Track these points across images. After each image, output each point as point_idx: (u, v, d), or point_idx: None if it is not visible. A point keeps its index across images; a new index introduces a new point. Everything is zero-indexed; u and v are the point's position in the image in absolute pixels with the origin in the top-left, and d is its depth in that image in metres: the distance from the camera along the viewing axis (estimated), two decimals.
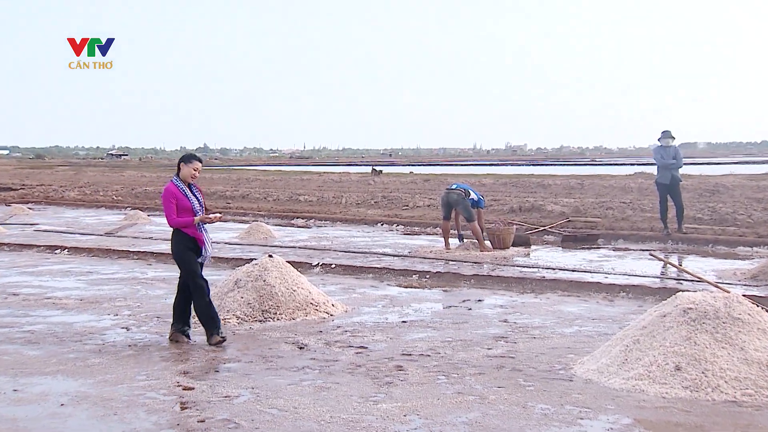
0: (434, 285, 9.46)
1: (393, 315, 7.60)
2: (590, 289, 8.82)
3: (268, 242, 13.93)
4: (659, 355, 5.06)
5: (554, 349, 6.13)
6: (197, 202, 6.23)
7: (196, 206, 6.21)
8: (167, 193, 6.18)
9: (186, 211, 6.17)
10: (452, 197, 12.24)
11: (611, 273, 9.90)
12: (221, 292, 7.54)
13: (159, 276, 10.17)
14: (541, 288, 9.04)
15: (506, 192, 23.06)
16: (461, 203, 12.18)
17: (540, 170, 44.35)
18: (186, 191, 6.22)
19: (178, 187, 6.20)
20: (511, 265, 10.84)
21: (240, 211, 21.08)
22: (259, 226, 14.96)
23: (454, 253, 11.99)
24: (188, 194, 6.21)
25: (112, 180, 37.06)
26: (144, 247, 13.09)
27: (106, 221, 18.87)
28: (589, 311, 7.73)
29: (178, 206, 6.16)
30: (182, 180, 6.24)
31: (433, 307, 8.02)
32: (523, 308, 7.90)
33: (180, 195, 6.17)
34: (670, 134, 13.41)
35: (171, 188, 6.19)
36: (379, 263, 11.02)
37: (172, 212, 6.13)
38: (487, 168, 53.48)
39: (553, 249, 12.94)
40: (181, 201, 6.15)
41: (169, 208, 6.13)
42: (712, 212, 15.76)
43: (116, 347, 6.24)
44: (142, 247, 12.93)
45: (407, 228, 16.49)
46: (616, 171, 36.81)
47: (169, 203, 6.13)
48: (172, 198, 6.14)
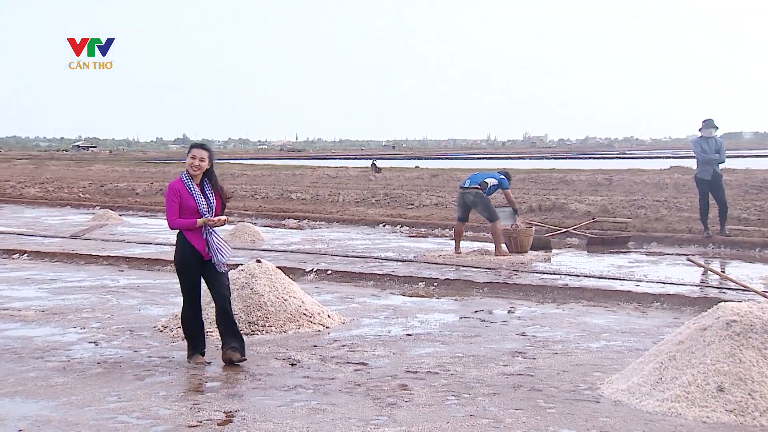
0: (443, 294, 9.45)
1: (396, 327, 7.59)
2: (619, 298, 8.80)
3: (256, 245, 13.93)
4: (699, 373, 5.03)
5: (579, 366, 6.11)
6: (205, 203, 6.00)
7: (203, 207, 5.99)
8: (170, 190, 6.01)
9: (190, 212, 5.98)
10: (468, 198, 12.20)
11: (643, 280, 9.88)
12: (203, 301, 7.52)
13: (132, 284, 10.17)
14: (564, 297, 9.02)
15: (524, 189, 23.05)
16: (479, 203, 12.14)
17: (562, 164, 44.36)
18: (193, 189, 6.01)
19: (184, 184, 6.01)
20: (530, 271, 10.83)
21: (224, 211, 21.05)
22: (245, 227, 14.96)
23: (466, 258, 11.98)
24: (194, 192, 6.01)
25: (79, 175, 37.12)
26: (115, 251, 13.09)
27: (72, 222, 18.88)
28: (618, 323, 7.71)
29: (181, 206, 5.99)
30: (192, 175, 6.03)
31: (441, 319, 8.01)
32: (544, 320, 7.88)
33: (185, 193, 5.98)
34: (712, 123, 13.35)
35: (175, 185, 6.02)
36: (380, 269, 11.01)
37: (172, 212, 5.96)
38: (502, 162, 53.46)
39: (578, 253, 12.92)
40: (185, 200, 5.97)
41: (170, 207, 5.97)
42: (759, 211, 15.73)
43: (83, 365, 6.23)
44: (113, 251, 12.94)
45: (412, 229, 16.48)
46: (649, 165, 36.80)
47: (171, 201, 5.97)
48: (175, 196, 5.97)
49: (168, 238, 15.14)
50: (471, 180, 12.46)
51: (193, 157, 6.02)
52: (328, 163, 48.83)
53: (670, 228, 14.67)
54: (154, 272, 11.19)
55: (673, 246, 13.32)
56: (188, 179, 6.04)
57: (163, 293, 9.45)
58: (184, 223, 6.01)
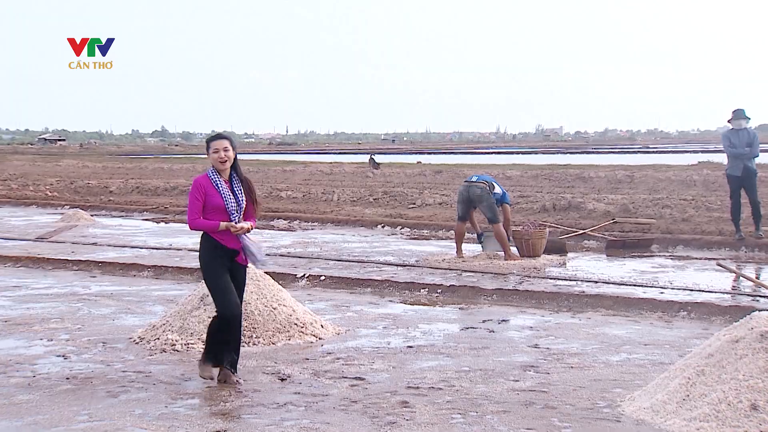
0: (447, 301, 9.44)
1: (396, 338, 7.59)
2: (642, 307, 8.81)
3: None
4: (730, 390, 5.03)
5: (597, 381, 6.11)
6: (234, 201, 5.88)
7: (231, 206, 5.87)
8: (195, 186, 5.91)
9: (216, 210, 5.86)
10: (474, 192, 12.19)
11: (668, 287, 9.88)
12: (183, 310, 7.53)
13: (105, 291, 10.17)
14: (581, 305, 9.02)
15: (537, 186, 23.06)
16: (485, 200, 12.14)
17: (579, 159, 44.43)
18: (220, 185, 5.89)
19: (210, 180, 5.90)
20: (543, 276, 10.83)
21: None
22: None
23: (472, 262, 11.98)
24: (222, 189, 5.89)
25: (46, 171, 37.14)
26: (86, 254, 13.09)
27: (38, 223, 18.88)
28: (640, 335, 7.71)
29: (206, 204, 5.86)
30: (218, 170, 5.91)
31: (446, 329, 8.01)
32: (558, 330, 7.89)
33: (211, 189, 5.87)
34: (743, 114, 13.34)
35: (201, 180, 5.92)
36: (379, 274, 11.01)
37: (194, 211, 5.86)
38: (513, 157, 53.53)
39: (596, 257, 12.93)
40: (211, 197, 5.85)
41: (193, 204, 5.86)
42: None
43: (50, 380, 6.22)
44: (84, 255, 12.93)
45: (414, 231, 16.49)
46: (674, 160, 36.89)
47: (193, 199, 5.86)
48: (199, 193, 5.86)
49: (145, 241, 15.17)
50: (479, 177, 12.51)
51: (216, 150, 5.88)
52: (321, 158, 48.87)
53: (698, 229, 14.66)
54: (130, 278, 11.19)
55: (701, 249, 13.32)
56: (215, 174, 5.93)
57: (139, 301, 9.45)
58: (206, 224, 5.88)
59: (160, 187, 26.13)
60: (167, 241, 14.97)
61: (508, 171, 27.28)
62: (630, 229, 15.08)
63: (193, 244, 14.46)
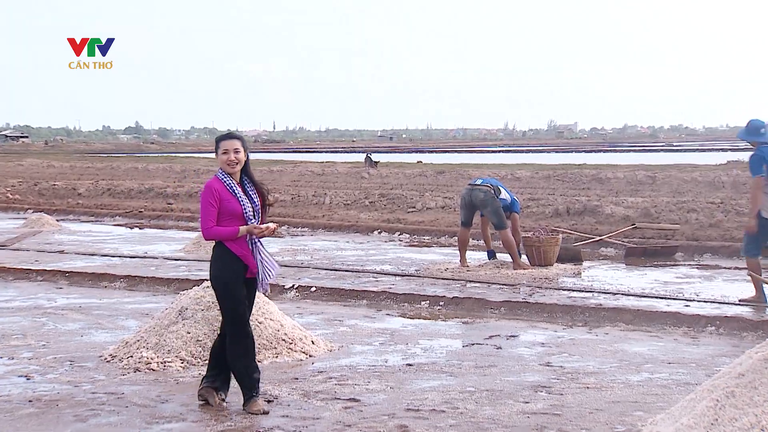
0: (450, 315, 9.44)
1: (395, 356, 7.58)
2: (665, 321, 8.81)
3: None
4: (764, 414, 5.02)
5: (615, 403, 6.11)
6: (250, 206, 5.85)
7: (249, 211, 5.83)
8: (207, 191, 5.82)
9: (233, 217, 5.80)
10: (477, 196, 12.22)
11: (694, 300, 9.88)
12: (160, 325, 7.52)
13: (72, 304, 10.15)
14: (598, 320, 9.02)
15: (549, 188, 23.07)
16: (489, 204, 12.16)
17: (595, 158, 44.50)
18: (234, 189, 5.83)
19: (224, 183, 5.84)
20: (556, 288, 10.83)
21: (186, 214, 21.05)
22: None
23: (477, 271, 11.98)
24: (237, 193, 5.82)
25: (7, 171, 37.10)
26: (52, 264, 13.07)
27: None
28: (663, 352, 7.71)
29: (221, 210, 5.79)
30: (230, 173, 5.87)
31: (449, 346, 8.01)
32: (573, 347, 7.89)
33: (226, 194, 5.81)
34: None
35: (213, 184, 5.84)
36: (375, 285, 11.01)
37: (209, 218, 5.77)
38: (522, 156, 53.61)
39: (614, 266, 12.94)
40: (227, 202, 5.80)
41: (207, 212, 5.77)
42: None
43: (11, 403, 6.20)
44: (50, 265, 12.92)
45: (414, 237, 16.49)
46: (701, 159, 36.94)
47: (207, 205, 5.78)
48: (214, 198, 5.78)
49: (117, 248, 15.15)
50: (483, 180, 12.54)
51: (226, 151, 5.84)
52: (312, 158, 48.90)
53: (726, 236, 14.68)
54: (100, 290, 11.17)
55: (730, 258, 13.33)
56: (227, 177, 5.85)
57: (110, 315, 9.43)
58: (224, 232, 5.79)
59: (134, 189, 26.12)
60: (142, 249, 14.96)
61: (517, 171, 27.28)
62: (652, 236, 15.09)
63: (170, 252, 14.46)
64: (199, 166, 35.10)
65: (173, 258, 13.74)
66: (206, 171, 32.71)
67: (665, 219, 16.57)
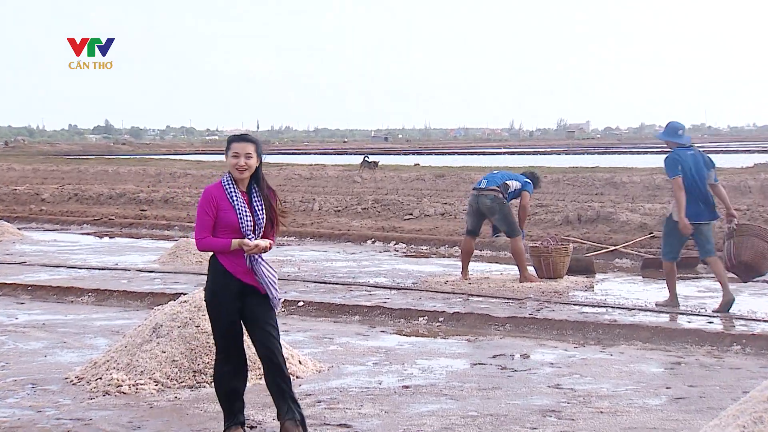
0: (451, 332, 9.45)
1: (390, 377, 7.59)
2: (686, 339, 8.82)
3: (204, 268, 13.87)
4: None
5: (632, 429, 6.11)
6: (249, 219, 5.75)
7: (246, 224, 5.73)
8: (205, 197, 5.77)
9: (227, 229, 5.73)
10: (484, 203, 12.18)
11: (718, 316, 9.89)
12: (132, 344, 7.51)
13: (35, 320, 10.13)
14: (612, 337, 9.02)
15: (558, 194, 23.09)
16: (498, 212, 12.13)
17: (609, 160, 44.48)
18: (236, 197, 5.75)
19: (225, 190, 5.78)
20: (567, 302, 10.84)
21: (161, 222, 21.03)
22: (189, 245, 14.92)
23: (480, 284, 11.99)
24: (237, 203, 5.74)
25: None
26: (12, 277, 13.04)
27: None
28: (684, 373, 7.73)
29: (217, 220, 5.73)
30: (235, 178, 5.80)
31: (449, 366, 8.01)
32: (585, 368, 7.89)
33: (224, 202, 5.74)
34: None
35: (213, 191, 5.79)
36: (368, 300, 11.01)
37: (203, 228, 5.72)
38: (529, 158, 53.62)
39: (630, 278, 12.95)
40: (223, 213, 5.72)
41: (202, 220, 5.73)
42: None
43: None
44: (10, 278, 12.89)
45: (411, 247, 16.49)
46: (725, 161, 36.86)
47: (202, 214, 5.74)
48: (210, 206, 5.73)
49: (85, 259, 15.13)
50: (488, 180, 12.44)
51: (236, 154, 5.74)
52: (299, 160, 48.86)
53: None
54: (66, 305, 11.15)
55: None
56: (231, 184, 5.77)
57: (77, 333, 9.42)
58: (215, 243, 5.72)
59: (104, 194, 26.08)
60: (112, 260, 14.94)
61: None
62: None
63: (143, 263, 14.44)
64: (175, 169, 35.07)
65: (147, 270, 13.71)
66: (183, 174, 32.71)
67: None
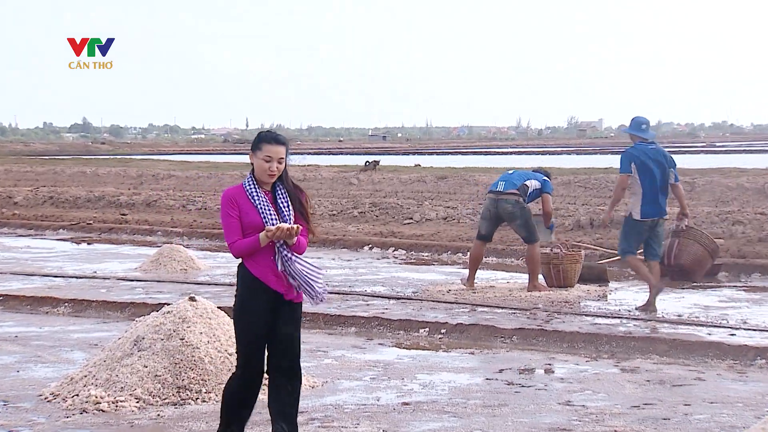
0: (454, 345, 9.45)
1: (388, 393, 7.59)
2: (707, 353, 8.83)
3: (189, 277, 13.91)
4: None
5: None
6: (272, 215, 5.68)
7: (271, 223, 5.65)
8: (226, 202, 5.70)
9: (253, 231, 5.65)
10: (505, 208, 12.11)
11: (741, 327, 9.89)
12: (112, 358, 7.49)
13: (7, 333, 10.13)
14: (627, 351, 9.03)
15: (569, 196, 23.09)
16: (519, 217, 12.08)
17: None
18: (258, 196, 5.69)
19: (246, 192, 5.73)
20: (578, 313, 10.84)
21: (143, 227, 21.02)
22: (173, 251, 14.93)
23: (486, 293, 11.98)
24: (260, 202, 5.68)
25: None
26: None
27: None
28: (704, 389, 7.73)
29: (243, 223, 5.68)
30: (259, 179, 5.77)
31: (452, 381, 8.01)
32: (597, 383, 7.89)
33: (245, 203, 5.68)
34: None
35: (232, 193, 5.73)
36: (365, 310, 11.00)
37: (232, 232, 5.64)
38: (538, 158, 53.62)
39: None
40: (246, 215, 5.66)
41: (228, 225, 5.66)
42: None
43: None
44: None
45: (411, 254, 16.48)
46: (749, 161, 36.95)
47: (227, 217, 5.67)
48: (232, 208, 5.67)
49: (61, 267, 15.12)
50: (506, 183, 12.36)
51: (269, 158, 5.70)
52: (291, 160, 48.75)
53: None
54: (41, 316, 11.14)
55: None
56: (252, 184, 5.74)
57: (52, 346, 9.40)
58: (246, 243, 5.64)
59: (82, 197, 26.07)
60: (90, 268, 14.93)
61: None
62: None
63: (124, 271, 14.43)
64: (158, 170, 35.04)
65: (127, 278, 13.70)
66: (167, 175, 32.69)
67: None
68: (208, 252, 17.06)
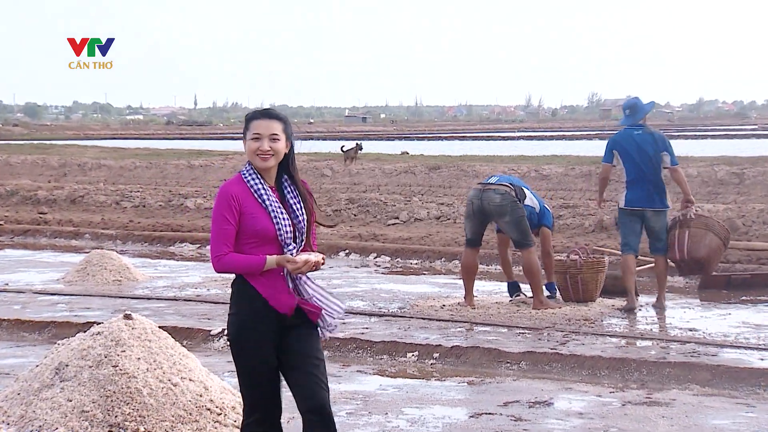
0: (449, 372, 9.48)
1: (369, 430, 7.61)
2: (758, 382, 8.85)
3: (123, 290, 13.88)
4: None
5: None
6: (289, 222, 5.57)
7: (286, 231, 5.54)
8: (223, 199, 5.50)
9: (260, 239, 5.51)
10: (491, 199, 12.03)
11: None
12: (28, 390, 7.48)
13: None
14: (661, 379, 9.05)
15: (590, 191, 23.12)
16: (508, 212, 12.04)
17: None
18: (265, 195, 5.53)
19: (248, 186, 5.57)
20: (600, 333, 10.86)
21: (67, 229, 20.98)
22: (104, 258, 14.91)
23: (488, 309, 12.00)
24: (268, 202, 5.53)
25: None
26: None
27: None
28: (756, 427, 7.76)
29: (242, 228, 5.51)
30: (258, 169, 5.58)
31: (446, 417, 8.04)
32: (624, 419, 7.92)
33: (251, 203, 5.52)
34: None
35: (230, 189, 5.53)
36: (342, 330, 10.98)
37: (224, 240, 5.46)
38: (551, 144, 53.71)
39: (684, 301, 12.98)
40: (251, 217, 5.50)
41: (220, 230, 5.47)
42: None
43: None
44: None
45: (396, 261, 16.50)
46: None
47: (220, 221, 5.48)
48: (231, 210, 5.48)
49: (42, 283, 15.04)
50: (499, 177, 12.44)
51: (258, 136, 5.52)
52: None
53: None
54: (17, 343, 11.13)
55: None
56: (255, 177, 5.56)
57: None
58: (243, 262, 5.47)
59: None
60: (1, 279, 14.89)
61: (544, 166, 27.35)
62: (738, 259, 15.14)
63: (42, 283, 14.39)
64: (86, 159, 34.99)
65: (47, 292, 13.67)
66: (96, 165, 32.63)
67: (757, 234, 16.63)
68: (147, 259, 17.02)
